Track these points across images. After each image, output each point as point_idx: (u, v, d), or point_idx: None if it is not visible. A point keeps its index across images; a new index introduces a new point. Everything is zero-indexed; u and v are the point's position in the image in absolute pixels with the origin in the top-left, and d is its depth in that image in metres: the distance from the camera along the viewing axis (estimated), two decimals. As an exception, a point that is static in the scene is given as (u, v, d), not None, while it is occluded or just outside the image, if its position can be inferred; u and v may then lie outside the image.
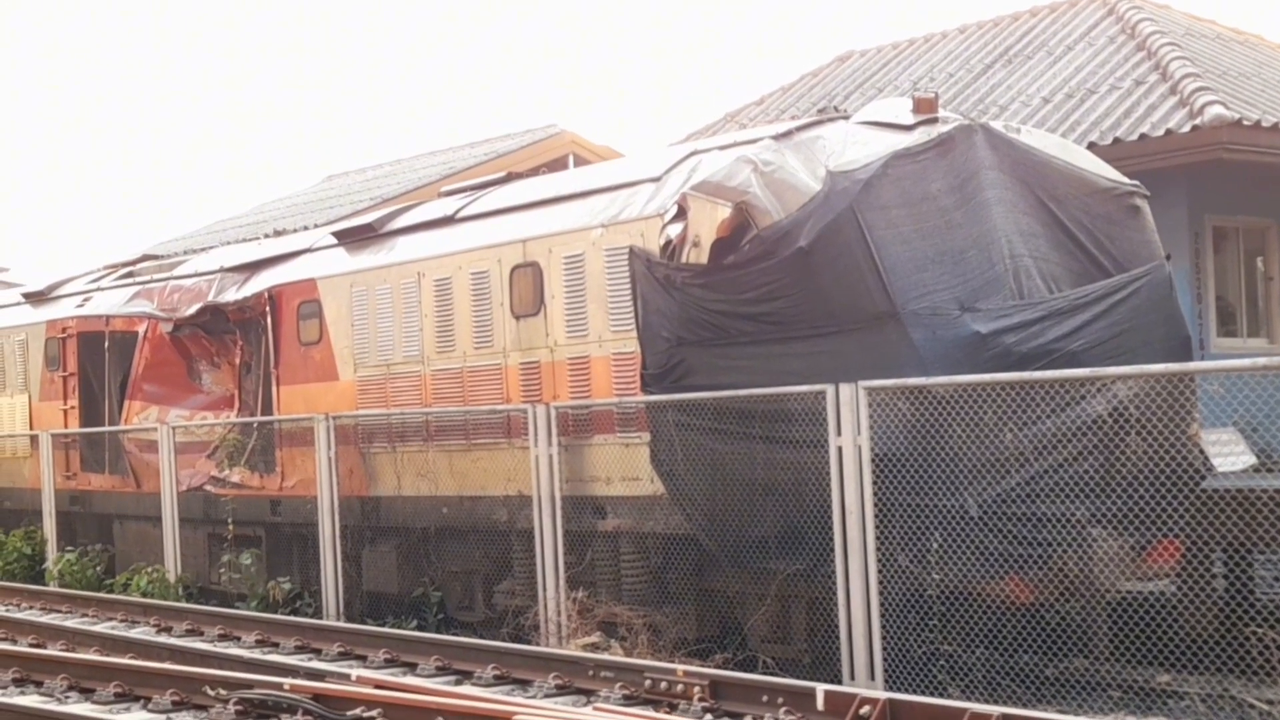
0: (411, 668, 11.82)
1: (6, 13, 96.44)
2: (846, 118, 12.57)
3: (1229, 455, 11.23)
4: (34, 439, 20.32)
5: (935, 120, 11.90)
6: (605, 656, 11.14)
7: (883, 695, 8.80)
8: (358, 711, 9.26)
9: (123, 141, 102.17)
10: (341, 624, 14.19)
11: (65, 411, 20.29)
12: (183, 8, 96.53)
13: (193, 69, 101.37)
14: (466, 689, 10.44)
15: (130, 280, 20.11)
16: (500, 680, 11.03)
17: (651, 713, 9.28)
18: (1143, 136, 16.23)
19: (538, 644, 12.34)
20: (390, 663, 12.08)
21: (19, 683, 11.47)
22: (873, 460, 10.28)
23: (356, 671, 10.91)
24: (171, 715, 10.09)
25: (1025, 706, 9.36)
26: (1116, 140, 16.31)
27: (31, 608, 17.12)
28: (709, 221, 11.48)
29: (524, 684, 10.88)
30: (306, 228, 24.16)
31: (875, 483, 10.27)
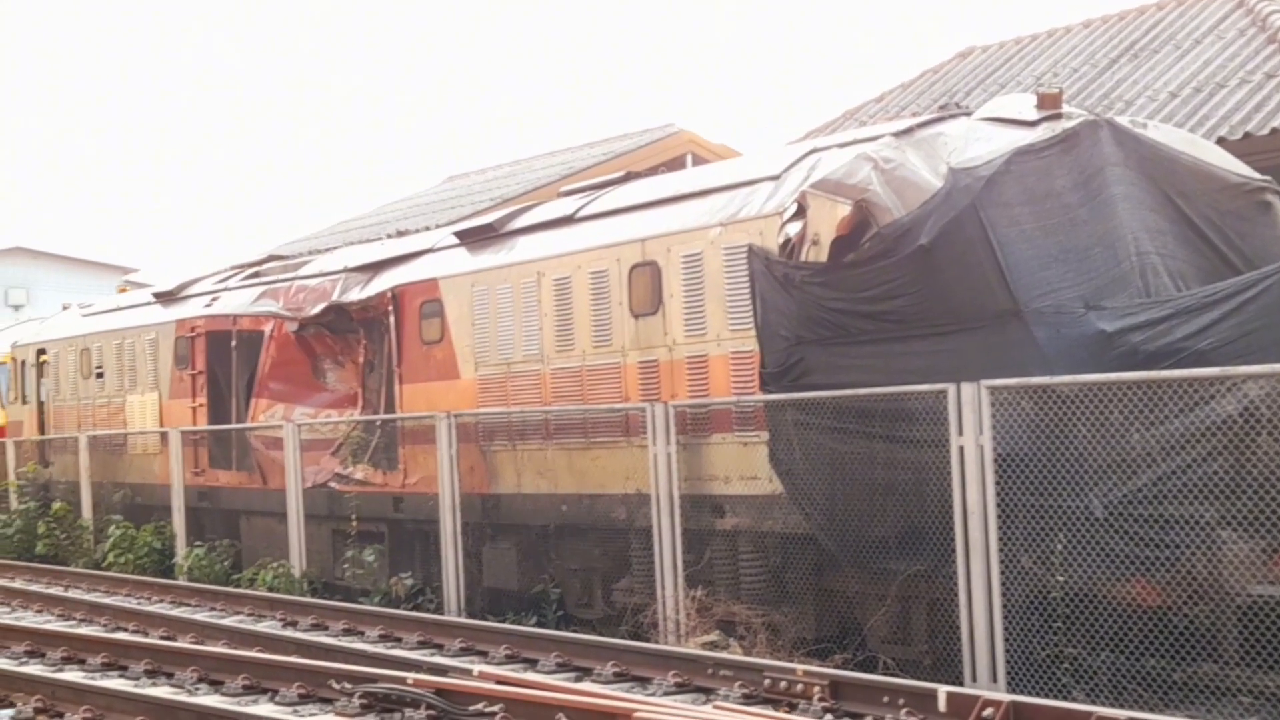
0: (532, 664, 11.90)
1: (139, 22, 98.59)
2: (968, 114, 12.46)
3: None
4: (164, 436, 20.72)
5: (1059, 116, 11.74)
6: (724, 655, 11.14)
7: (1006, 698, 8.70)
8: (480, 707, 9.36)
9: (249, 144, 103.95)
10: (463, 620, 14.32)
11: (194, 409, 20.68)
12: (305, 13, 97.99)
13: (317, 74, 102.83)
14: (587, 685, 10.50)
15: (257, 280, 20.45)
16: (620, 677, 11.06)
17: (771, 712, 9.26)
18: (1274, 131, 15.85)
19: (656, 642, 12.37)
20: (511, 659, 12.17)
21: (151, 674, 11.73)
22: (995, 460, 10.18)
23: (478, 667, 11.00)
24: (298, 708, 10.24)
25: (1152, 711, 9.20)
26: (1247, 135, 15.95)
27: (162, 601, 17.48)
28: (828, 219, 11.43)
29: (643, 681, 10.91)
30: (428, 228, 24.41)
31: (997, 483, 10.16)
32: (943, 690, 9.04)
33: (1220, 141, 15.16)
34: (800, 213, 11.72)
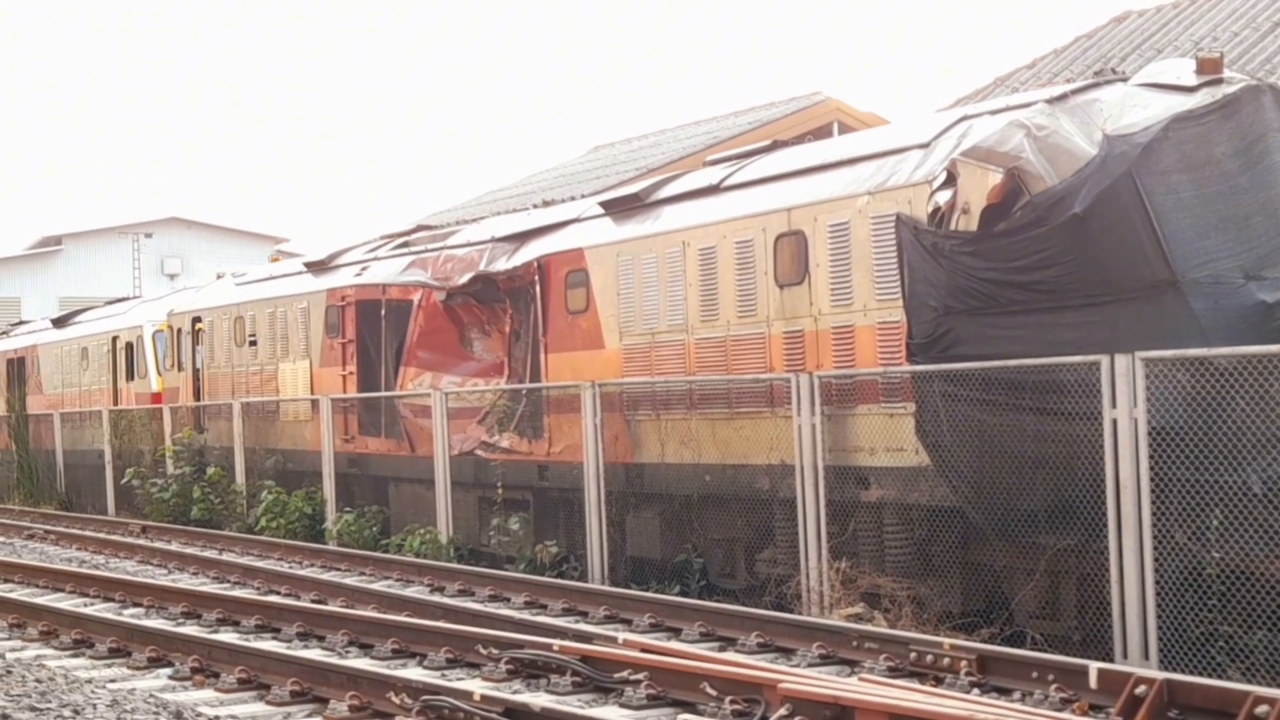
0: (676, 633, 11.93)
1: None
2: (1125, 80, 12.19)
3: None
4: (315, 403, 21.09)
5: (1220, 81, 11.46)
6: (869, 628, 11.07)
7: (1159, 675, 8.52)
8: (624, 674, 9.40)
9: (399, 117, 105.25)
10: (607, 588, 14.40)
11: (344, 377, 21.01)
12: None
13: (467, 47, 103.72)
14: (731, 655, 10.50)
15: (405, 250, 20.69)
16: (763, 648, 11.05)
17: (918, 685, 9.18)
18: None
19: (800, 613, 12.33)
20: (655, 627, 12.21)
21: (303, 636, 11.97)
22: (1149, 434, 9.98)
23: (623, 635, 11.05)
24: (446, 672, 10.37)
25: (1312, 692, 8.96)
26: None
27: (312, 565, 17.82)
28: (979, 188, 11.26)
29: (787, 652, 10.89)
30: (574, 198, 24.47)
31: (1152, 457, 9.96)
32: (1094, 666, 8.90)
33: (1389, 106, 14.61)
34: (950, 181, 11.57)
